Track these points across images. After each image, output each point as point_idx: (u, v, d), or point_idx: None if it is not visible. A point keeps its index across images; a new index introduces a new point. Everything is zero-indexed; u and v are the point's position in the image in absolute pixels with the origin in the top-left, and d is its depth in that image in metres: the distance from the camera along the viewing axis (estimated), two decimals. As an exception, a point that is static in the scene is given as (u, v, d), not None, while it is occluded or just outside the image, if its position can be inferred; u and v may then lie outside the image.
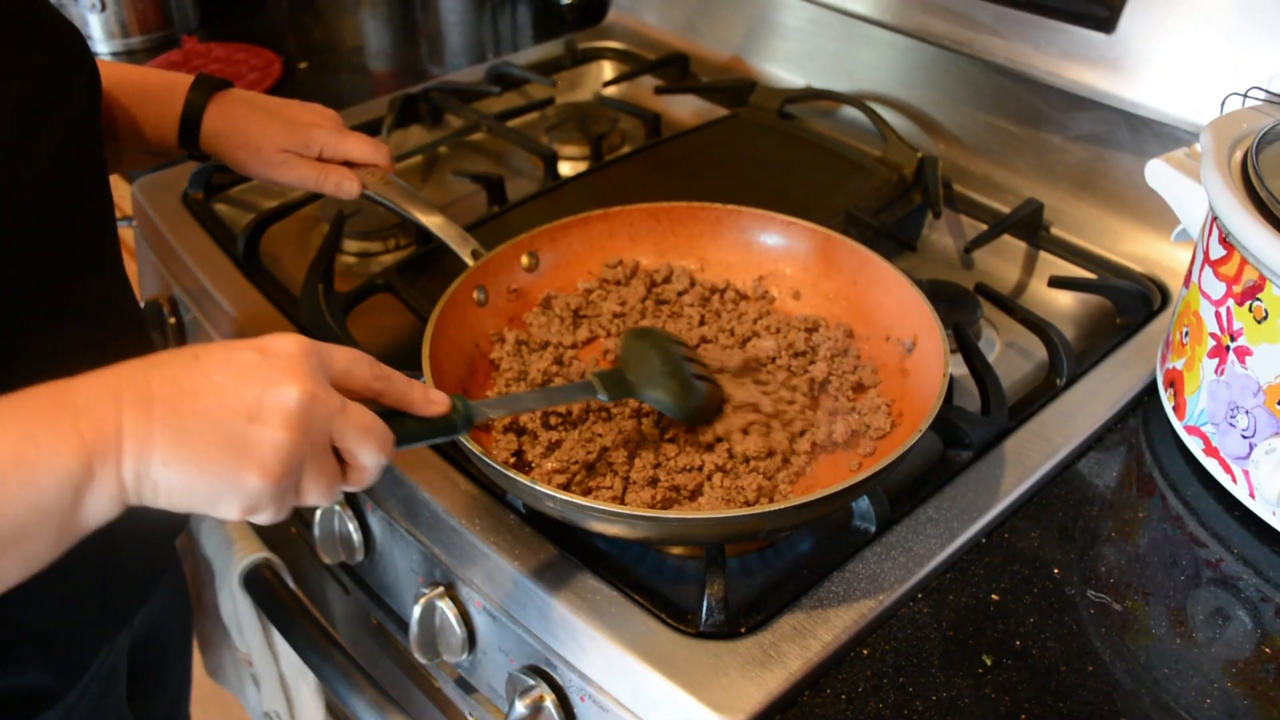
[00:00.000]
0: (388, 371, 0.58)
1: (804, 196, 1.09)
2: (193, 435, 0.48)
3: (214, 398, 0.49)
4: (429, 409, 0.60)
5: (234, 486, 0.49)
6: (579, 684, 0.69)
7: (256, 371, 0.51)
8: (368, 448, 0.54)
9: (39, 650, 0.71)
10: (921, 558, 0.72)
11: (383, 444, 0.55)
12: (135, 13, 1.56)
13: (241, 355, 0.51)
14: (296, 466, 0.51)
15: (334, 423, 0.53)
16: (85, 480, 0.47)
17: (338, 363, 0.55)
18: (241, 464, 0.49)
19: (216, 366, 0.50)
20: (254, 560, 1.00)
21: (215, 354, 0.51)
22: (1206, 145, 0.78)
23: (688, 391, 0.75)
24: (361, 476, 0.55)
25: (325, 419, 0.52)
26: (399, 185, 0.90)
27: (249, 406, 0.49)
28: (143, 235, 1.16)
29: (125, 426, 0.48)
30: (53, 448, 0.46)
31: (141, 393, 0.48)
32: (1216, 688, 0.66)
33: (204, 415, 0.49)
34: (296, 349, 0.53)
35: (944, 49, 1.18)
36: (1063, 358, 0.88)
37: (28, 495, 0.46)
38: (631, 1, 1.54)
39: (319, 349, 0.54)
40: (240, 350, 0.52)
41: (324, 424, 0.52)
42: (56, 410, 0.47)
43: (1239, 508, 0.78)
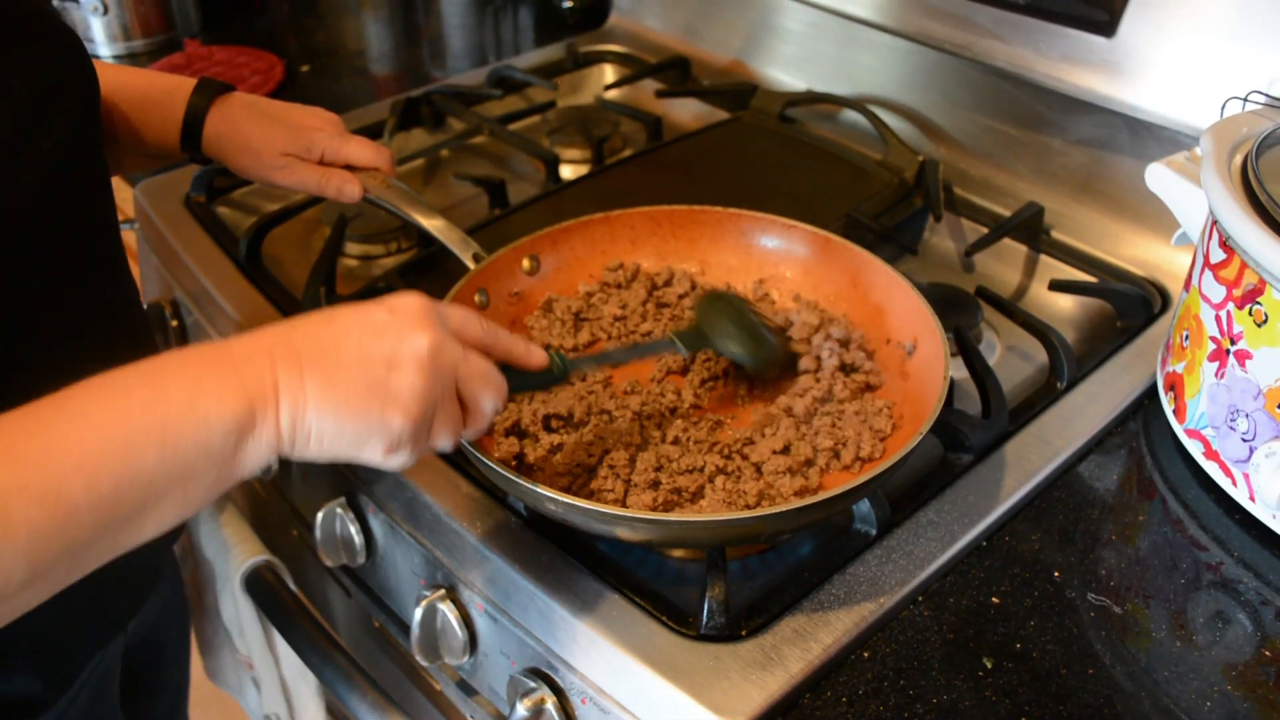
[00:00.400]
0: (494, 328, 0.64)
1: (805, 200, 1.09)
2: (340, 384, 0.53)
3: (354, 350, 0.54)
4: (531, 361, 0.66)
5: (380, 427, 0.54)
6: (580, 686, 0.69)
7: (389, 326, 0.55)
8: (487, 392, 0.60)
9: (30, 657, 0.70)
10: (922, 561, 0.72)
11: (499, 389, 0.61)
12: (137, 16, 1.56)
13: (373, 313, 0.56)
14: (431, 407, 0.56)
15: (459, 369, 0.58)
16: (249, 426, 0.51)
17: (454, 318, 0.61)
18: (386, 407, 0.54)
19: (353, 324, 0.55)
20: (255, 562, 1.00)
21: (349, 314, 0.56)
22: (1207, 149, 0.78)
23: (760, 344, 0.81)
24: (479, 420, 0.61)
25: (451, 365, 0.57)
26: (400, 189, 0.90)
27: (387, 356, 0.54)
28: (145, 238, 1.16)
29: (280, 379, 0.52)
30: (220, 394, 0.50)
31: (289, 349, 0.53)
32: (1217, 690, 0.66)
33: (348, 366, 0.54)
34: (420, 304, 0.57)
35: (945, 53, 1.19)
36: (1063, 361, 0.88)
37: (198, 437, 0.49)
38: (633, 5, 1.54)
39: (437, 305, 0.59)
40: (370, 309, 0.56)
41: (450, 369, 0.57)
42: (221, 361, 0.51)
43: (1239, 511, 0.78)
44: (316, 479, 0.93)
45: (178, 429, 0.48)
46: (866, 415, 0.78)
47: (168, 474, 0.48)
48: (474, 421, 0.61)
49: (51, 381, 0.49)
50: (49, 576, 0.47)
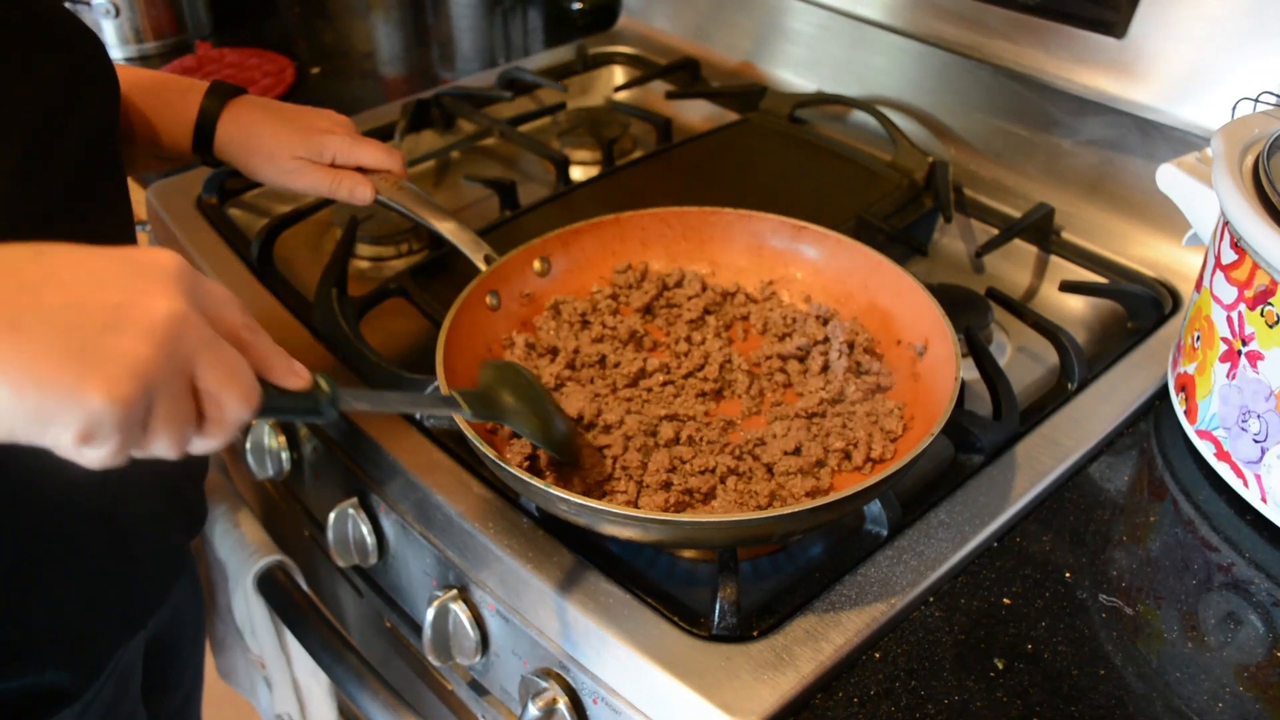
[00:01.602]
0: (257, 327, 0.51)
1: (815, 201, 1.09)
2: (28, 334, 0.41)
3: (60, 295, 0.42)
4: (287, 379, 0.52)
5: (72, 402, 0.41)
6: (592, 686, 0.70)
7: (120, 278, 0.44)
8: (232, 394, 0.47)
9: (58, 650, 0.72)
10: (933, 561, 0.72)
11: (248, 395, 0.48)
12: (149, 19, 1.57)
13: (104, 257, 0.44)
14: (151, 392, 0.43)
15: (202, 354, 0.45)
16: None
17: (212, 295, 0.48)
18: (86, 374, 0.41)
19: (68, 264, 0.43)
20: (268, 563, 1.00)
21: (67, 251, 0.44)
22: (1218, 150, 0.78)
23: (552, 423, 0.72)
24: (217, 429, 0.47)
25: (193, 347, 0.45)
26: (412, 191, 0.90)
27: (106, 312, 0.42)
28: (157, 239, 1.16)
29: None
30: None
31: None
32: (1228, 692, 0.66)
33: (46, 314, 0.41)
34: (171, 262, 0.45)
35: (955, 54, 1.19)
36: (1074, 362, 0.88)
37: None
38: (642, 7, 1.54)
39: (196, 274, 0.47)
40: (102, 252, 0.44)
41: (191, 352, 0.45)
42: None
43: (1251, 512, 0.78)
44: (329, 479, 0.93)
45: None
46: (877, 416, 0.78)
47: None
48: (210, 428, 0.47)
49: None
50: None
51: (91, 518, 0.72)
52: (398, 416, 0.85)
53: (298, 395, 0.53)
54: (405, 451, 0.82)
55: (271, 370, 0.51)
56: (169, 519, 0.83)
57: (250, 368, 0.48)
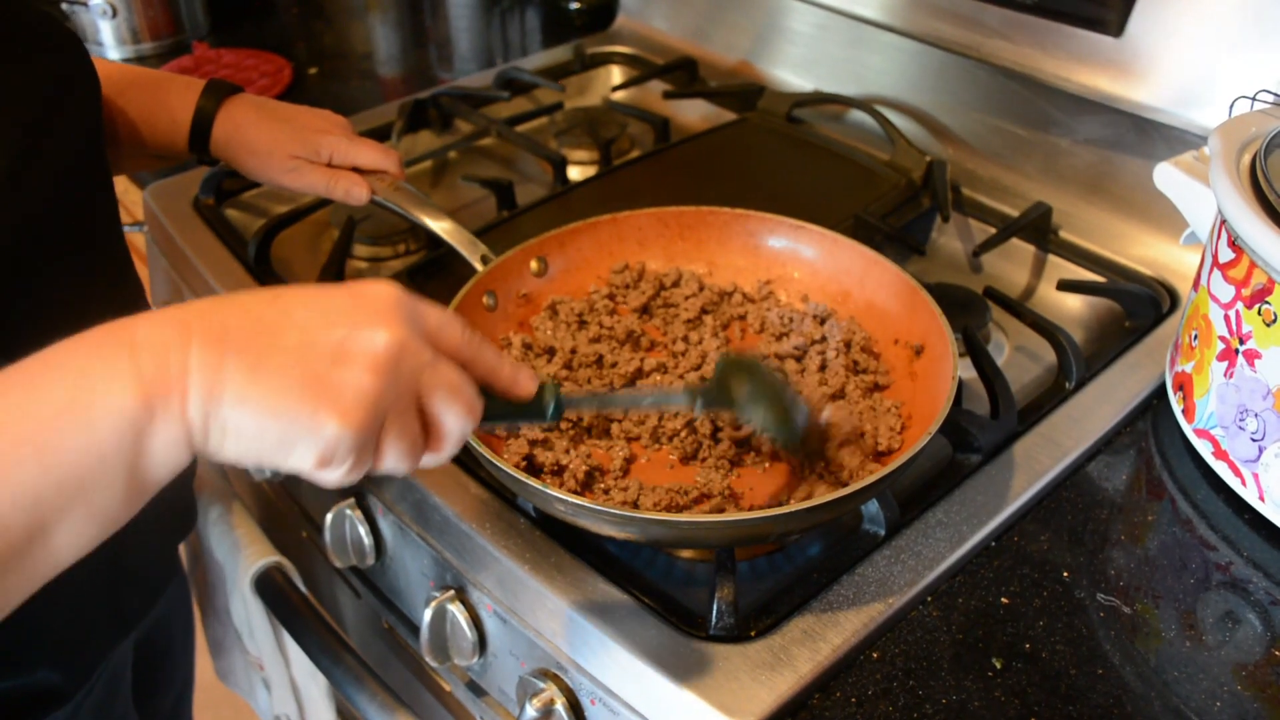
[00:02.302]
0: (480, 339, 0.54)
1: (812, 200, 1.09)
2: (268, 372, 0.45)
3: (295, 335, 0.46)
4: (516, 389, 0.56)
5: (310, 431, 0.45)
6: (589, 687, 0.69)
7: (345, 313, 0.47)
8: (455, 410, 0.50)
9: (50, 651, 0.71)
10: (931, 561, 0.72)
11: (471, 409, 0.51)
12: (146, 19, 1.57)
13: (330, 296, 0.48)
14: (380, 417, 0.47)
15: (423, 376, 0.49)
16: (146, 421, 0.43)
17: (431, 319, 0.51)
18: (320, 406, 0.45)
19: (300, 304, 0.47)
20: (265, 564, 1.00)
21: (299, 293, 0.48)
22: (1215, 148, 0.78)
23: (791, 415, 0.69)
24: (443, 444, 0.51)
25: (415, 371, 0.48)
26: (408, 191, 0.90)
27: (334, 347, 0.46)
28: (154, 240, 1.16)
29: (193, 362, 0.44)
30: (107, 387, 0.43)
31: (213, 327, 0.45)
32: (1226, 691, 0.66)
33: (283, 352, 0.45)
34: (390, 295, 0.49)
35: (952, 53, 1.19)
36: (1072, 361, 0.88)
37: (83, 441, 0.42)
38: (640, 7, 1.54)
39: (413, 301, 0.50)
40: (329, 290, 0.48)
41: (413, 376, 0.48)
42: (114, 346, 0.44)
43: (1249, 511, 0.78)
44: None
45: (56, 435, 0.42)
46: (876, 414, 0.78)
47: (56, 489, 0.42)
48: (435, 445, 0.51)
49: None
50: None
51: None
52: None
53: (522, 404, 0.56)
54: (402, 452, 0.82)
55: (497, 381, 0.55)
56: (159, 522, 0.83)
57: (470, 382, 0.51)
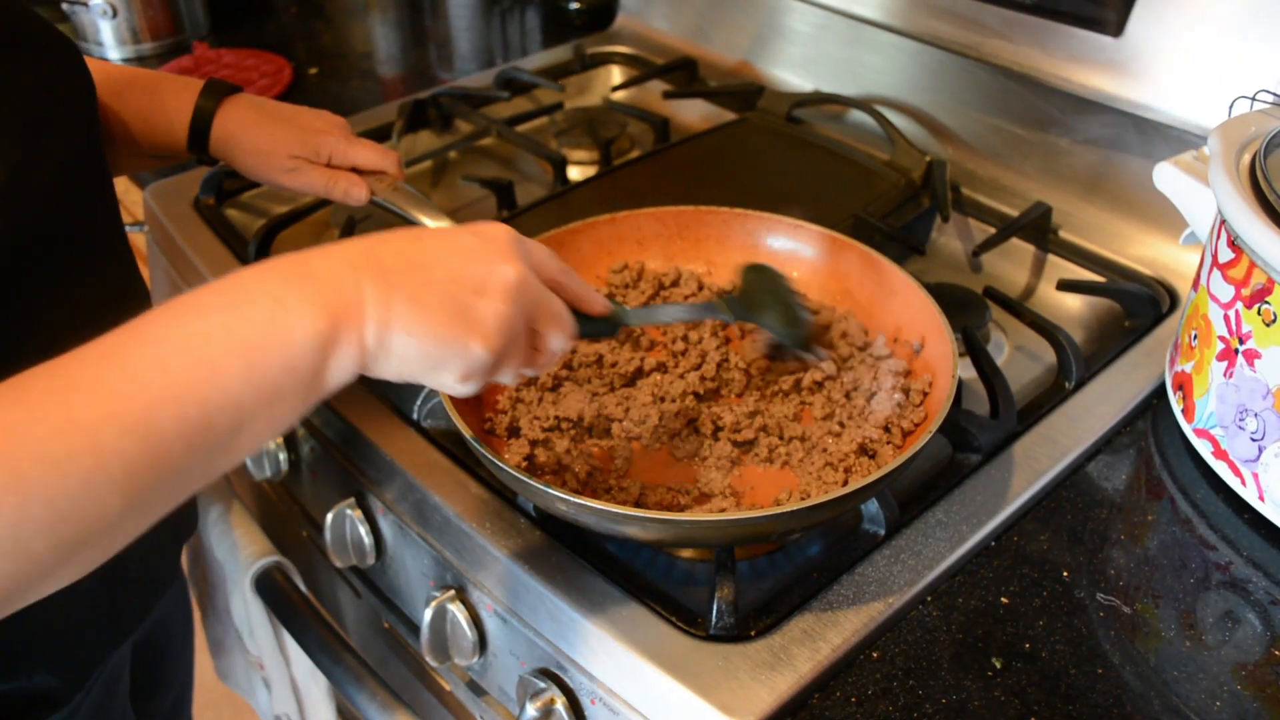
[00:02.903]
0: (569, 270, 0.64)
1: (812, 200, 1.09)
2: (427, 304, 0.52)
3: (443, 270, 0.54)
4: (595, 309, 0.66)
5: (460, 352, 0.54)
6: (589, 687, 0.70)
7: (478, 251, 0.56)
8: (558, 333, 0.60)
9: (48, 654, 0.71)
10: (930, 561, 0.72)
11: (569, 332, 0.61)
12: (146, 19, 1.57)
13: (461, 237, 0.56)
14: (511, 337, 0.56)
15: (538, 305, 0.58)
16: (332, 342, 0.50)
17: (535, 253, 0.60)
18: (470, 332, 0.54)
19: (441, 245, 0.55)
20: (266, 564, 1.00)
21: (436, 234, 0.56)
22: (1214, 148, 0.78)
23: (798, 321, 0.80)
24: (544, 360, 0.61)
25: (533, 299, 0.58)
26: (408, 192, 0.90)
27: (475, 281, 0.54)
28: (154, 240, 1.16)
29: (366, 293, 0.51)
30: (302, 310, 0.49)
31: (375, 264, 0.52)
32: (1226, 690, 0.66)
33: (436, 286, 0.53)
34: (507, 234, 0.58)
35: (952, 53, 1.19)
36: (1071, 361, 0.88)
37: (283, 356, 0.48)
38: (640, 6, 1.54)
39: (523, 240, 0.59)
40: (458, 233, 0.57)
41: (532, 304, 0.58)
42: (300, 278, 0.50)
43: (1248, 510, 0.78)
44: (327, 480, 0.93)
45: (262, 350, 0.48)
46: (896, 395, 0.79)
47: (255, 395, 0.48)
48: (539, 360, 0.61)
49: None
50: (146, 507, 0.47)
51: None
52: (397, 418, 0.85)
53: (599, 320, 0.67)
54: (403, 452, 0.82)
55: (581, 303, 0.65)
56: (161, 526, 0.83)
57: (567, 308, 0.61)
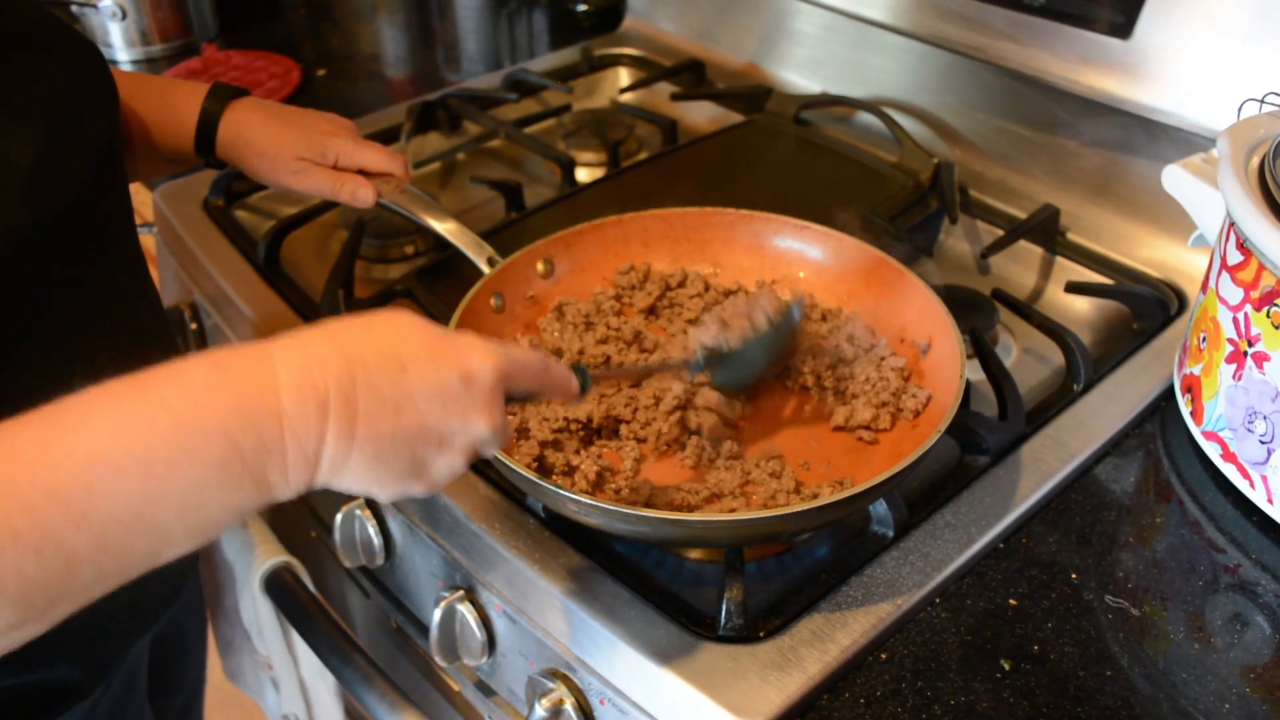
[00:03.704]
0: (547, 364, 0.60)
1: (820, 202, 1.09)
2: (386, 458, 0.51)
3: (414, 420, 0.51)
4: (571, 395, 0.63)
5: (401, 491, 0.53)
6: (598, 687, 0.70)
7: (458, 400, 0.52)
8: (494, 450, 0.58)
9: (71, 647, 0.72)
10: (939, 563, 0.73)
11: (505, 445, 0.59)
12: (155, 21, 1.57)
13: (447, 377, 0.52)
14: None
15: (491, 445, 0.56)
16: (281, 487, 0.48)
17: (517, 375, 0.57)
18: (418, 480, 0.53)
19: (423, 387, 0.51)
20: (275, 564, 1.00)
21: (422, 368, 0.51)
22: (1223, 151, 0.78)
23: (756, 376, 0.80)
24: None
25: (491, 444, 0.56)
26: (414, 194, 0.91)
27: (442, 436, 0.52)
28: (164, 242, 1.17)
29: (328, 442, 0.48)
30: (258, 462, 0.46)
31: (347, 405, 0.49)
32: (1235, 693, 0.66)
33: (400, 442, 0.51)
34: (494, 378, 0.54)
35: (959, 55, 1.19)
36: (1080, 363, 0.88)
37: (225, 500, 0.46)
38: (647, 8, 1.54)
39: (509, 367, 0.55)
40: (445, 369, 0.52)
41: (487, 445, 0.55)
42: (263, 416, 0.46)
43: (1257, 513, 0.78)
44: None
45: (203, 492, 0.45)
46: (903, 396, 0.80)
47: (185, 529, 0.46)
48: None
49: (75, 386, 0.48)
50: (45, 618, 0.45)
51: None
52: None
53: None
54: (412, 453, 0.82)
55: (561, 395, 0.62)
56: None
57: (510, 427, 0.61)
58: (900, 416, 0.79)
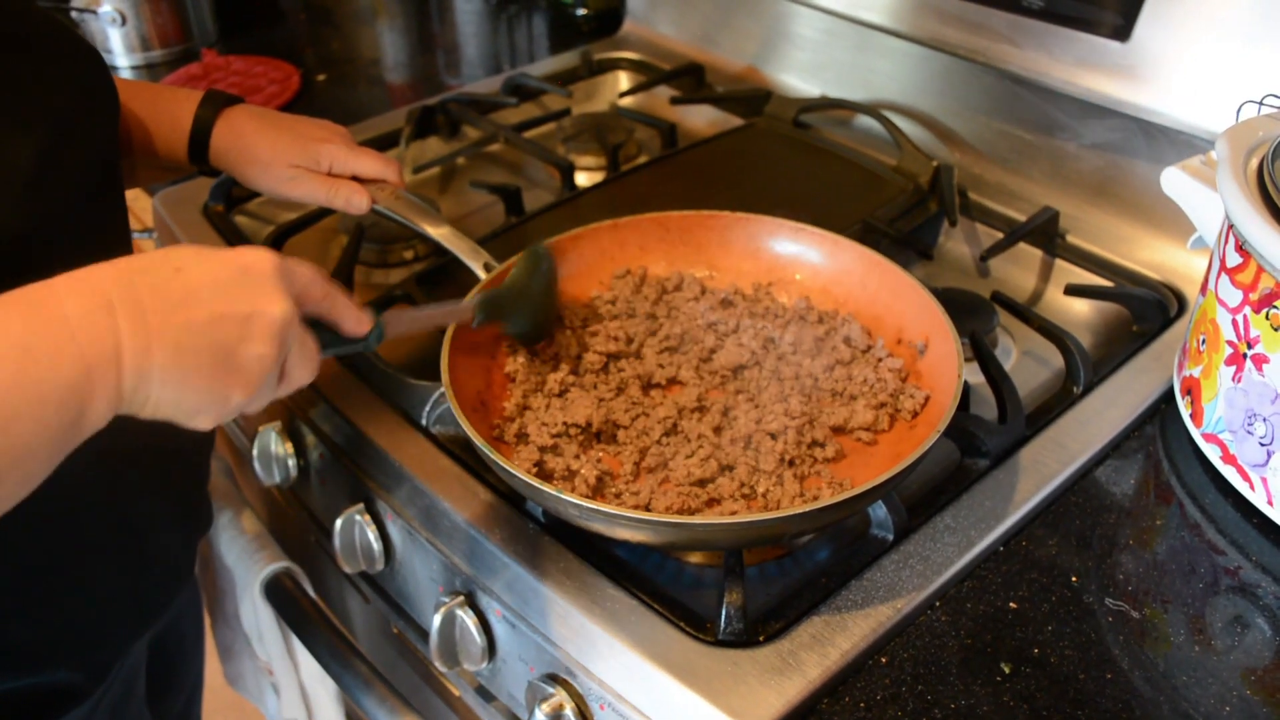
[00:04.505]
0: (333, 290, 0.61)
1: (820, 205, 1.09)
2: (189, 351, 0.50)
3: (204, 310, 0.51)
4: (356, 330, 0.63)
5: (219, 401, 0.52)
6: (598, 692, 0.70)
7: (242, 287, 0.53)
8: (305, 369, 0.58)
9: (70, 649, 0.72)
10: (939, 566, 0.72)
11: (314, 369, 0.59)
12: (155, 26, 1.58)
13: (223, 269, 0.53)
14: (269, 379, 0.55)
15: (294, 345, 0.56)
16: (88, 394, 0.47)
17: (301, 278, 0.58)
18: (231, 381, 0.52)
19: (204, 279, 0.52)
20: (275, 569, 1.01)
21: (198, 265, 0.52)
22: (1222, 153, 0.78)
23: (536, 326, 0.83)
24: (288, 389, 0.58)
25: (291, 338, 0.56)
26: (409, 200, 0.91)
27: (238, 322, 0.52)
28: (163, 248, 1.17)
29: (124, 339, 0.48)
30: (54, 364, 0.46)
31: (133, 303, 0.49)
32: (1235, 695, 0.66)
33: (198, 331, 0.50)
34: (272, 265, 0.55)
35: (959, 58, 1.19)
36: (1079, 365, 0.88)
37: (33, 413, 0.46)
38: (647, 12, 1.54)
39: (287, 265, 0.56)
40: (220, 263, 0.53)
41: (289, 342, 0.55)
42: (50, 322, 0.47)
43: (1257, 515, 0.78)
44: (335, 486, 0.93)
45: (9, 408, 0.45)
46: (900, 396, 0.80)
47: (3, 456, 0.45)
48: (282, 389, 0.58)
49: None
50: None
51: (104, 519, 0.73)
52: (406, 423, 0.85)
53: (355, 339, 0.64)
54: (412, 458, 0.82)
55: (342, 324, 0.62)
56: (177, 521, 0.84)
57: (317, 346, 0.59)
58: (899, 417, 0.79)
